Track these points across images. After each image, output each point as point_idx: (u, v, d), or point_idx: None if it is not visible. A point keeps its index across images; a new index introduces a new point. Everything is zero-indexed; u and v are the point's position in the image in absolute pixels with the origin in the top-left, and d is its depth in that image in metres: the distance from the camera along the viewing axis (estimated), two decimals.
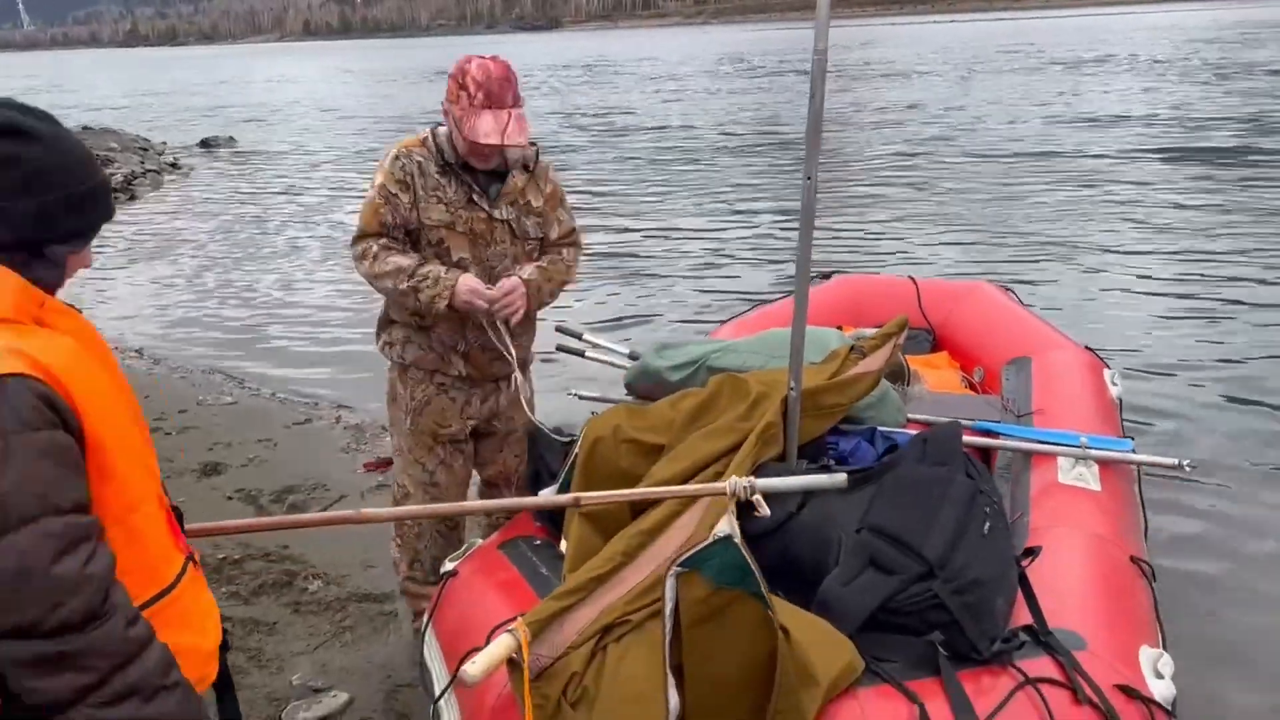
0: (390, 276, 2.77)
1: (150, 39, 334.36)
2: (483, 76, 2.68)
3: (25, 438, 1.28)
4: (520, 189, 2.93)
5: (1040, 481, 3.00)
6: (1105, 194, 11.26)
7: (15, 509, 1.25)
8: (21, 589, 1.24)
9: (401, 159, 2.83)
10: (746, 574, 1.85)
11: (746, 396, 2.60)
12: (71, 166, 1.51)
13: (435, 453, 3.05)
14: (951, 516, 2.11)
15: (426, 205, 2.81)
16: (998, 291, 4.76)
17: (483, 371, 3.00)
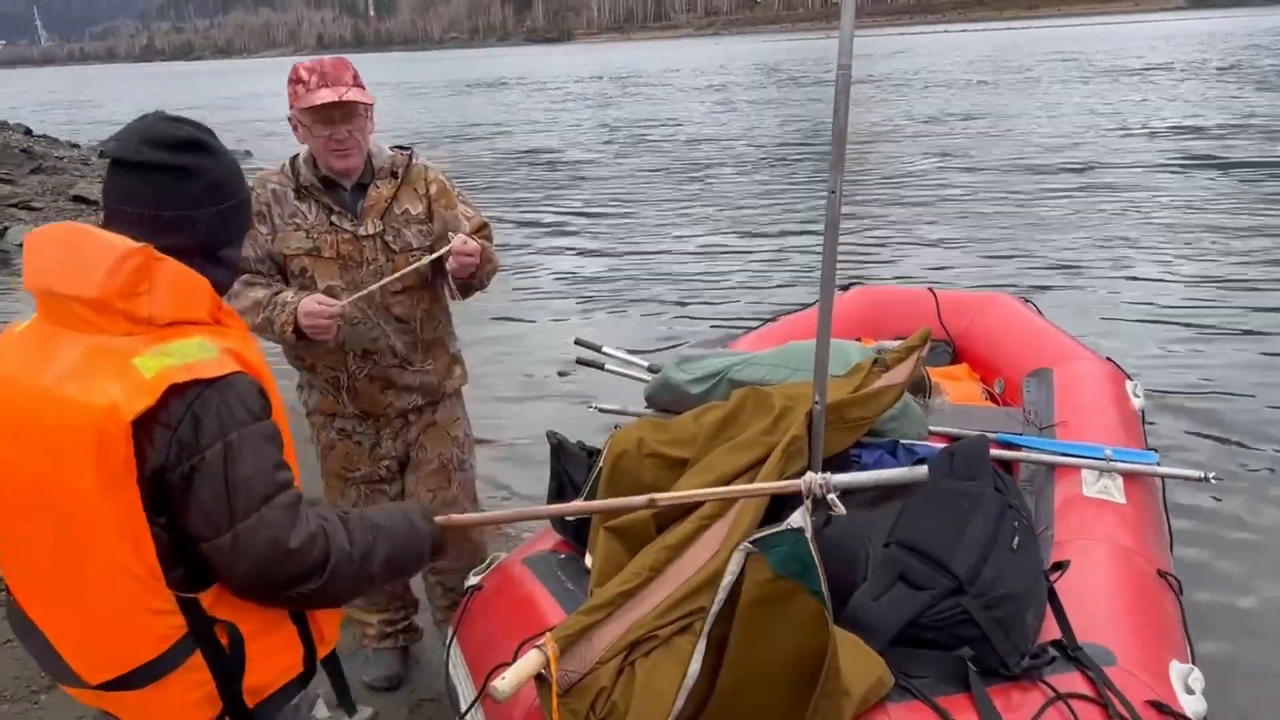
0: (249, 313, 2.57)
1: (166, 54, 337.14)
2: (315, 65, 2.57)
3: (255, 427, 1.49)
4: (388, 198, 2.71)
5: (1064, 494, 2.99)
6: (1126, 204, 11.19)
7: (260, 489, 1.48)
8: (278, 556, 1.48)
9: (256, 189, 2.64)
10: (809, 570, 1.86)
11: (771, 410, 2.59)
12: (236, 176, 1.67)
13: (348, 495, 2.94)
14: (981, 531, 2.10)
15: (284, 234, 2.65)
16: (1017, 303, 4.76)
17: (375, 405, 2.82)
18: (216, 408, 1.45)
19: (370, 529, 1.66)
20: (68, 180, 15.74)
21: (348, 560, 1.58)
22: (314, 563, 1.52)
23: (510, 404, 5.96)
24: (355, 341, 2.72)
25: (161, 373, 1.41)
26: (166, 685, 1.50)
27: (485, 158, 20.10)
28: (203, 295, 1.55)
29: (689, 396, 3.33)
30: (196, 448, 1.44)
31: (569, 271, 9.82)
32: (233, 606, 1.54)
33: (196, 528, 1.47)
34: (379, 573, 1.66)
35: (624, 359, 4.11)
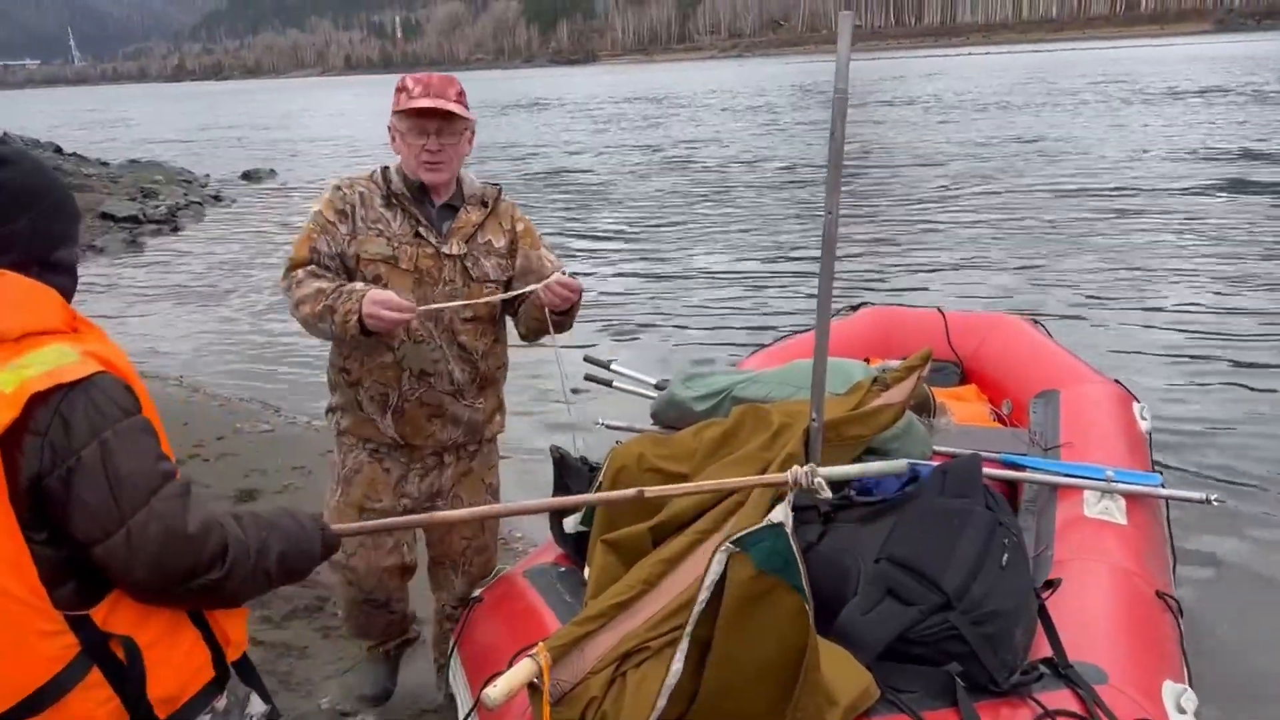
0: (309, 301, 2.46)
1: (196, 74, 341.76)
2: (423, 77, 2.58)
3: (129, 422, 1.47)
4: (476, 224, 2.69)
5: (1065, 515, 2.99)
6: (1138, 228, 11.18)
7: (146, 481, 1.46)
8: (173, 546, 1.46)
9: (343, 189, 2.63)
10: (789, 564, 1.89)
11: (769, 427, 2.63)
12: (41, 175, 1.61)
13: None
14: (970, 548, 2.12)
15: (365, 238, 2.58)
16: (1026, 324, 4.76)
17: (419, 433, 2.68)
18: (84, 408, 1.43)
19: (263, 526, 1.65)
20: (96, 198, 15.98)
21: (245, 553, 1.56)
22: (212, 551, 1.51)
23: (520, 419, 6.00)
24: (415, 360, 2.62)
25: (21, 385, 1.39)
26: (68, 706, 1.45)
27: (506, 177, 20.27)
28: (51, 304, 1.52)
29: (694, 414, 3.37)
30: (70, 449, 1.41)
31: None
32: (128, 619, 1.50)
33: (85, 531, 1.43)
34: (275, 570, 1.64)
35: (632, 376, 4.16)
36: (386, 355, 2.59)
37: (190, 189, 19.07)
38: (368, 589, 2.80)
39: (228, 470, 5.37)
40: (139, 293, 10.89)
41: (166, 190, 18.05)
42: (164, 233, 15.12)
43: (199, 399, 6.79)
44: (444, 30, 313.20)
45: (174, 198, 17.39)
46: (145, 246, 14.14)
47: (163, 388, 7.13)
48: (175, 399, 6.81)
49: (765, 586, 1.89)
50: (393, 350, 2.58)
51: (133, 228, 14.94)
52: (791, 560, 1.87)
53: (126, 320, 9.66)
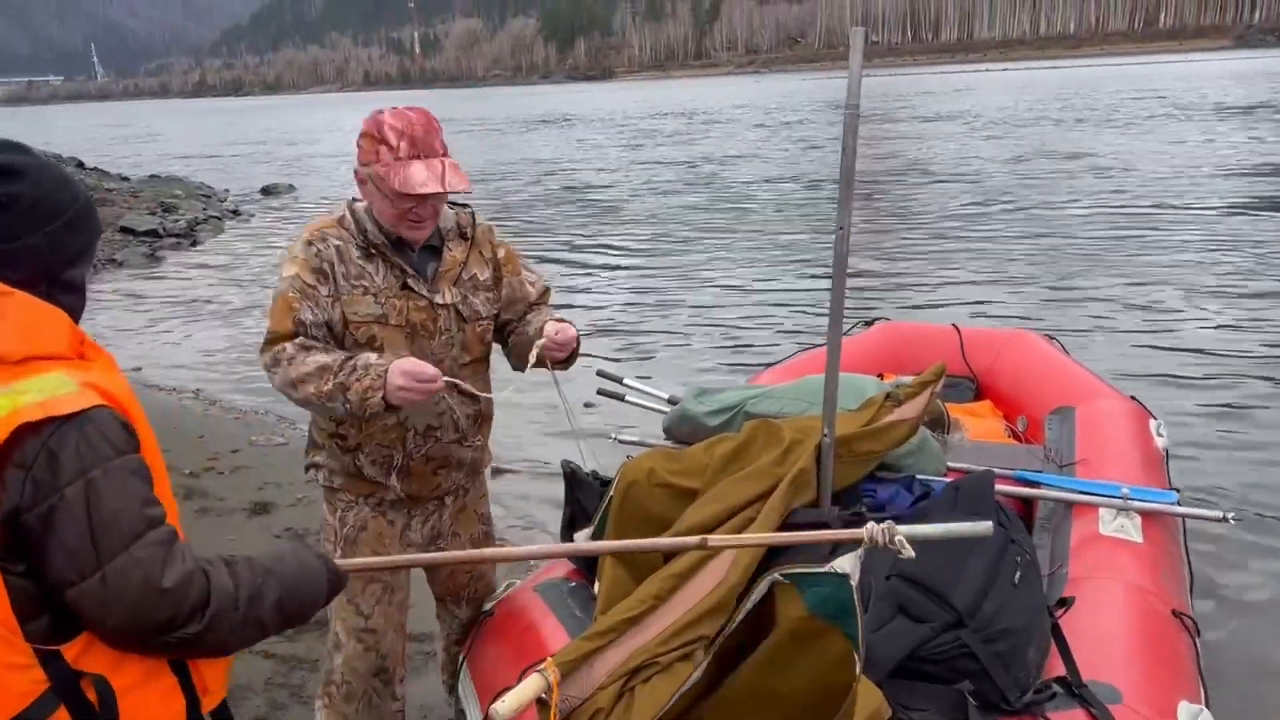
0: (312, 379, 2.22)
1: (217, 89, 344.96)
2: (403, 124, 2.26)
3: (120, 462, 1.39)
4: (461, 262, 2.47)
5: (1081, 533, 2.97)
6: (1157, 245, 11.12)
7: (129, 526, 1.38)
8: (149, 597, 1.38)
9: (316, 244, 2.33)
10: (848, 614, 1.87)
11: (781, 442, 2.62)
12: (61, 190, 1.55)
13: (372, 589, 2.55)
14: (982, 565, 2.11)
15: (350, 298, 2.32)
16: (1041, 340, 4.75)
17: (425, 486, 2.53)
18: (75, 443, 1.36)
19: (260, 572, 1.55)
20: (116, 212, 16.12)
21: (231, 604, 1.47)
22: (192, 605, 1.41)
23: (533, 434, 6.02)
24: (419, 417, 2.42)
25: (13, 411, 1.33)
26: None
27: (523, 193, 20.34)
28: (59, 327, 1.47)
29: (706, 429, 3.37)
30: (55, 486, 1.34)
31: (597, 304, 9.92)
32: (103, 658, 1.42)
33: (60, 572, 1.36)
34: (270, 618, 1.55)
35: (644, 391, 4.16)
36: (389, 416, 2.36)
37: (209, 203, 19.22)
38: (385, 652, 2.59)
39: (242, 483, 5.39)
40: (157, 306, 10.96)
41: (186, 205, 18.20)
42: (183, 247, 15.23)
43: (215, 412, 6.83)
44: (462, 47, 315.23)
45: (193, 212, 17.53)
46: (164, 260, 14.25)
47: (179, 400, 7.19)
48: (192, 412, 6.86)
49: (816, 629, 1.87)
50: (396, 411, 2.33)
51: (152, 241, 15.06)
52: (851, 610, 1.84)
53: (145, 333, 9.72)
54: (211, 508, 4.91)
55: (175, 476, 5.33)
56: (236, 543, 4.41)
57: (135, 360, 8.56)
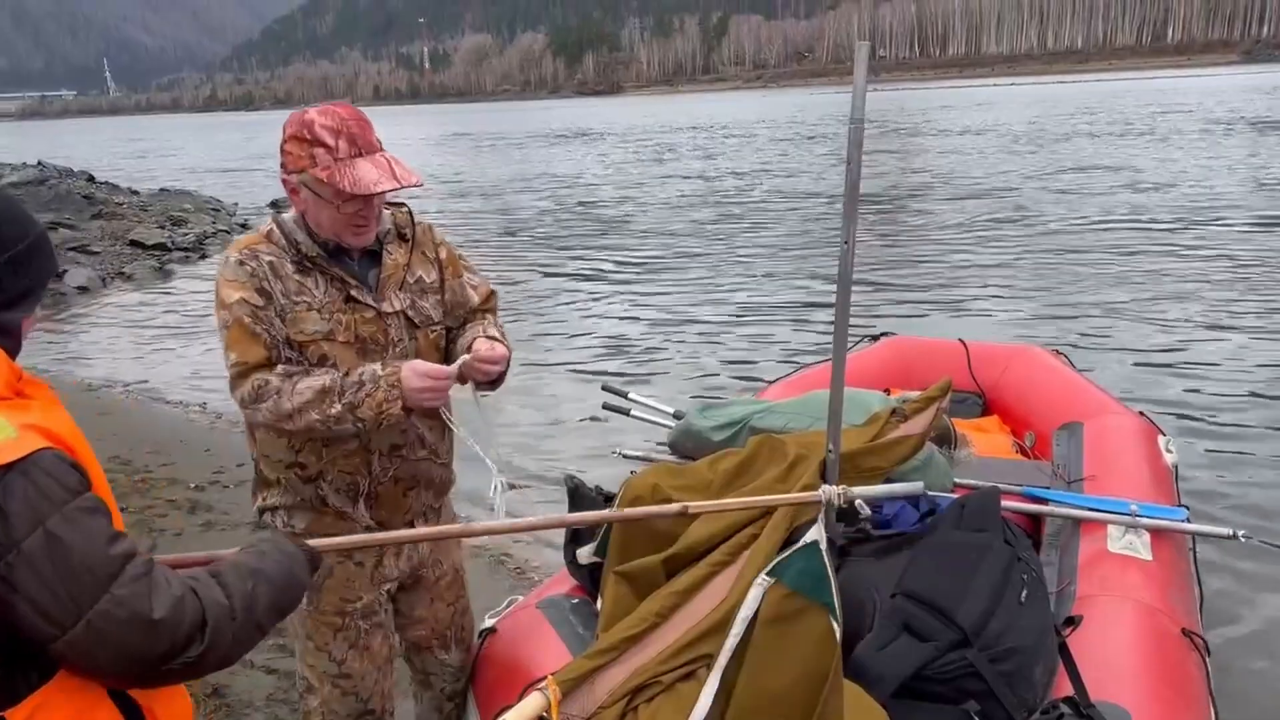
0: (313, 406, 2.07)
1: (228, 104, 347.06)
2: (336, 124, 2.08)
3: (76, 504, 1.31)
4: (404, 265, 2.29)
5: (1089, 550, 2.95)
6: (1165, 260, 11.07)
7: (103, 568, 1.30)
8: (140, 633, 1.32)
9: (247, 263, 2.14)
10: (821, 583, 1.87)
11: (785, 458, 2.60)
12: (5, 226, 1.44)
13: (344, 635, 2.36)
14: (987, 583, 2.09)
15: (294, 316, 2.14)
16: (1049, 355, 4.72)
17: (395, 510, 2.34)
18: (24, 492, 1.26)
19: (247, 576, 1.50)
20: (126, 225, 16.20)
21: (228, 617, 1.42)
22: (189, 629, 1.36)
23: (539, 448, 6.01)
24: (382, 438, 2.25)
25: None
26: None
27: (530, 207, 20.38)
28: None
29: (711, 444, 3.35)
30: (9, 541, 1.25)
31: (603, 317, 9.92)
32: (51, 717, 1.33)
33: (37, 630, 1.28)
34: (265, 619, 1.51)
35: (649, 405, 4.14)
36: (351, 441, 2.21)
37: (218, 217, 19.27)
38: (366, 696, 2.42)
39: (246, 496, 5.34)
40: (165, 319, 10.98)
41: (195, 219, 18.27)
42: (191, 260, 15.28)
43: (221, 425, 6.82)
44: (471, 62, 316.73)
45: (202, 226, 17.59)
46: (173, 274, 14.29)
47: (186, 414, 7.19)
48: (199, 425, 6.86)
49: (796, 607, 1.88)
50: (358, 434, 2.19)
51: (161, 255, 15.11)
52: (824, 577, 1.86)
53: (152, 346, 9.74)
54: (217, 521, 4.90)
55: (181, 489, 5.36)
56: None
57: (142, 374, 8.59)
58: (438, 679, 2.64)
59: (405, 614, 2.53)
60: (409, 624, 2.55)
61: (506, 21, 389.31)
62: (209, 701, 3.38)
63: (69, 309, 11.90)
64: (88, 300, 12.38)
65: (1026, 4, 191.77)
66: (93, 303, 12.27)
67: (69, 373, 8.72)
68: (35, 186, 16.96)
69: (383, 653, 2.43)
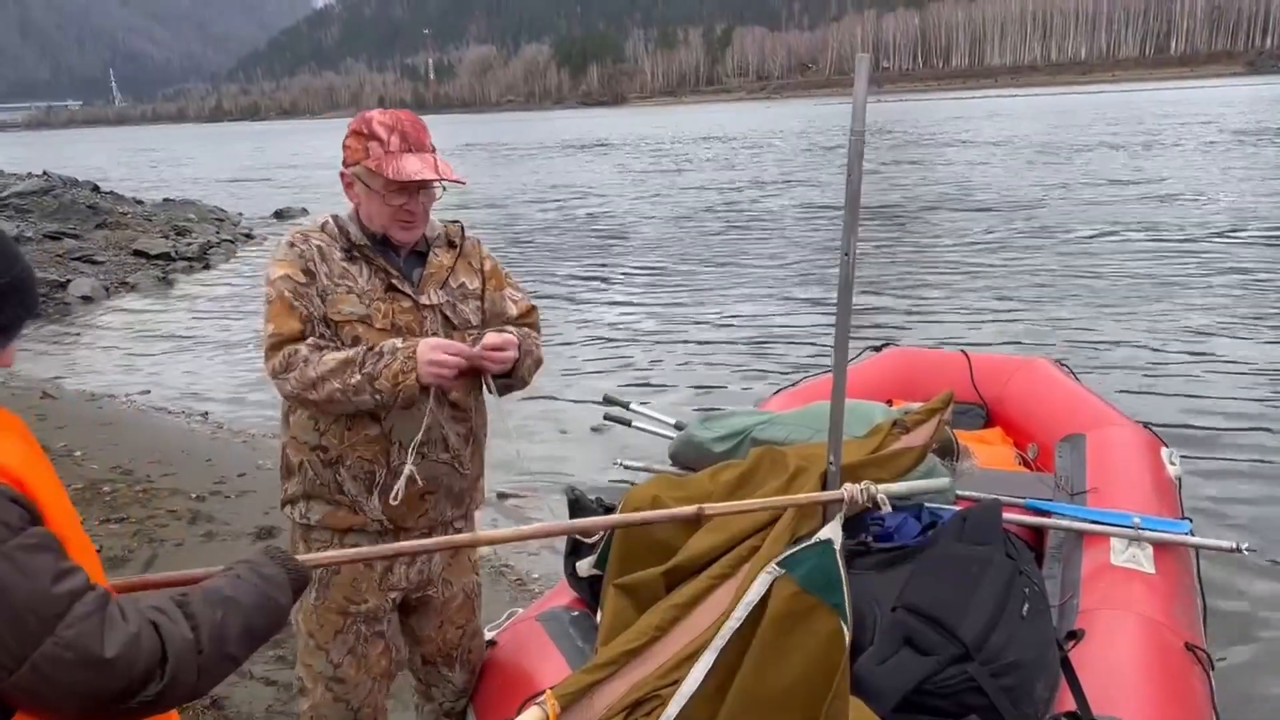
0: (336, 375, 2.13)
1: (234, 114, 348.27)
2: (392, 121, 2.23)
3: (16, 542, 1.24)
4: (448, 268, 2.38)
5: (1091, 563, 2.93)
6: (1169, 272, 11.06)
7: (47, 608, 1.24)
8: (92, 672, 1.26)
9: (298, 245, 2.26)
10: (833, 583, 1.85)
11: (785, 470, 2.58)
12: None
13: (343, 637, 2.36)
14: (989, 597, 2.07)
15: (334, 297, 2.23)
16: (1053, 367, 4.71)
17: (411, 514, 2.32)
18: None
19: (217, 604, 1.42)
20: (130, 235, 16.24)
21: (192, 650, 1.34)
22: (145, 667, 1.28)
23: (540, 457, 6.00)
24: (405, 429, 2.26)
25: None
26: None
27: (534, 218, 20.41)
28: None
29: (712, 455, 3.34)
30: None
31: (604, 328, 9.92)
32: None
33: None
34: (238, 649, 1.42)
35: (651, 416, 4.13)
36: (372, 427, 2.25)
37: (222, 227, 19.32)
38: (357, 705, 2.40)
39: (248, 507, 5.37)
40: (168, 329, 11.01)
41: (199, 228, 18.31)
42: (195, 270, 15.31)
43: (223, 435, 6.82)
44: (476, 73, 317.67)
45: (206, 235, 17.62)
46: (176, 284, 14.32)
47: (187, 424, 7.19)
48: (200, 435, 6.86)
49: (805, 605, 1.87)
50: (379, 421, 2.24)
51: (164, 265, 15.14)
52: (836, 579, 1.84)
53: (154, 356, 9.75)
54: (217, 532, 4.89)
55: (182, 500, 5.35)
56: None
57: (144, 384, 8.59)
58: (439, 693, 2.62)
59: (413, 633, 2.53)
60: (416, 642, 2.55)
61: (511, 33, 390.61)
62: (207, 714, 3.36)
63: (72, 318, 11.93)
64: (91, 309, 12.41)
65: (1030, 16, 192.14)
66: (96, 312, 12.30)
67: (72, 382, 8.73)
68: (40, 196, 16.99)
69: (380, 665, 2.42)
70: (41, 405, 7.52)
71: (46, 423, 6.92)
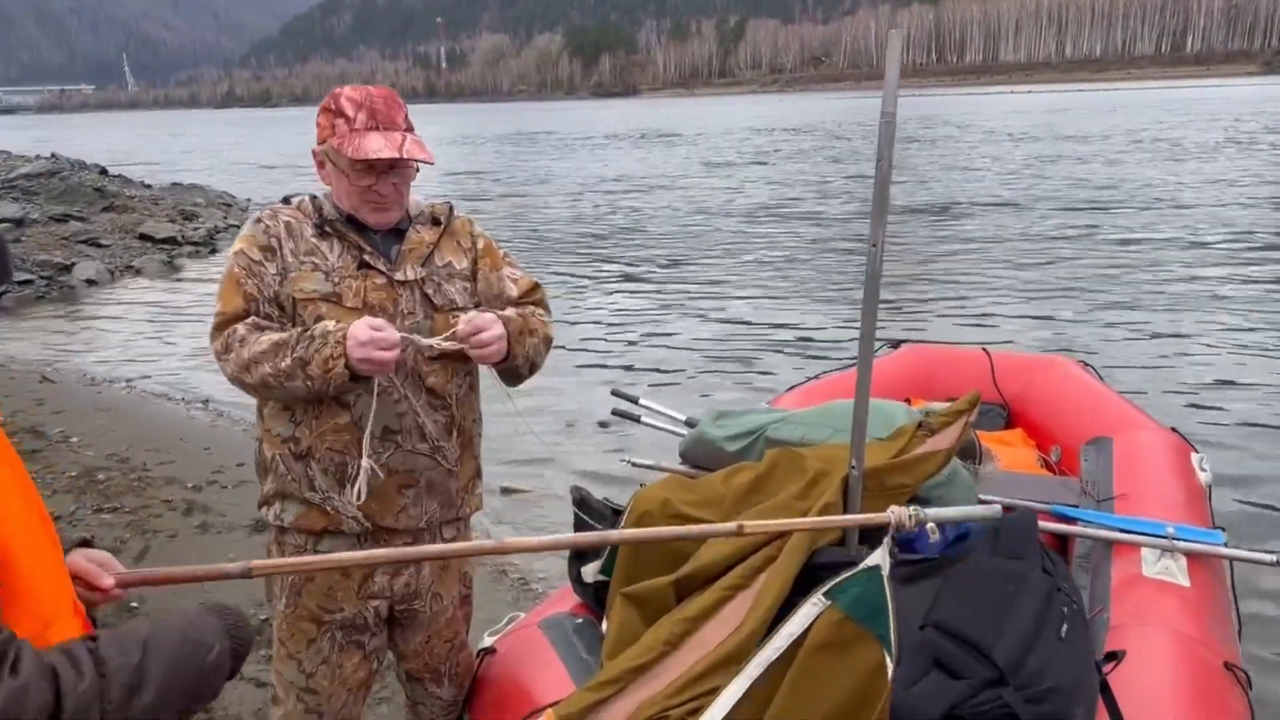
0: (267, 358, 1.98)
1: (245, 100, 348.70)
2: (361, 97, 2.08)
3: None
4: (430, 244, 2.20)
5: (1122, 574, 2.78)
6: (1196, 272, 10.83)
7: None
8: None
9: (265, 221, 2.13)
10: (879, 613, 1.76)
11: (804, 474, 2.44)
12: None
13: (317, 646, 2.21)
14: (1026, 616, 1.92)
15: (297, 275, 2.08)
16: (1076, 366, 4.55)
17: (388, 510, 2.14)
18: None
19: (135, 647, 1.25)
20: (136, 219, 16.11)
21: (94, 699, 1.19)
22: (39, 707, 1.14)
23: (546, 452, 5.86)
24: (377, 418, 2.08)
25: None
26: None
27: (540, 207, 20.26)
28: None
29: (724, 454, 3.19)
30: None
31: (613, 320, 9.76)
32: None
33: None
34: (162, 695, 1.24)
35: (660, 412, 3.99)
36: (342, 415, 2.08)
37: (230, 212, 19.19)
38: (331, 716, 2.26)
39: (244, 498, 5.24)
40: (171, 314, 10.87)
41: (206, 213, 18.19)
42: (201, 255, 15.19)
43: (223, 424, 6.69)
44: (488, 62, 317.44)
45: (213, 220, 17.50)
46: (182, 268, 14.20)
47: (187, 411, 7.07)
48: (200, 423, 6.73)
49: (849, 635, 1.78)
50: (349, 408, 2.08)
51: (170, 249, 15.02)
52: (883, 608, 1.75)
53: (157, 340, 9.63)
54: (213, 524, 4.76)
55: (178, 489, 5.23)
56: (236, 560, 4.24)
57: (145, 368, 8.47)
58: (426, 709, 2.48)
59: (398, 646, 2.37)
60: (400, 657, 2.40)
61: (524, 22, 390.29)
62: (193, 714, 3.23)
63: (77, 302, 11.82)
64: (95, 293, 12.30)
65: (1045, 12, 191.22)
66: (100, 296, 12.19)
67: (72, 366, 8.62)
68: (47, 179, 16.88)
69: (357, 676, 2.27)
70: (40, 389, 7.41)
71: (44, 407, 6.81)
